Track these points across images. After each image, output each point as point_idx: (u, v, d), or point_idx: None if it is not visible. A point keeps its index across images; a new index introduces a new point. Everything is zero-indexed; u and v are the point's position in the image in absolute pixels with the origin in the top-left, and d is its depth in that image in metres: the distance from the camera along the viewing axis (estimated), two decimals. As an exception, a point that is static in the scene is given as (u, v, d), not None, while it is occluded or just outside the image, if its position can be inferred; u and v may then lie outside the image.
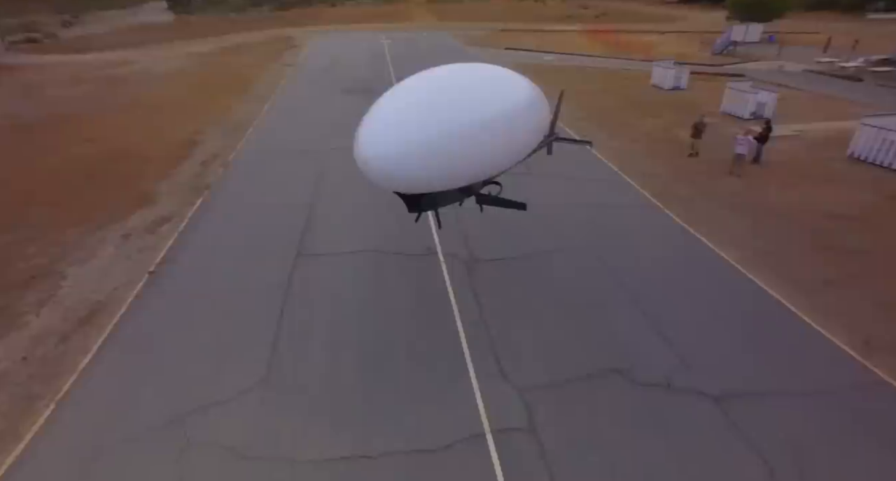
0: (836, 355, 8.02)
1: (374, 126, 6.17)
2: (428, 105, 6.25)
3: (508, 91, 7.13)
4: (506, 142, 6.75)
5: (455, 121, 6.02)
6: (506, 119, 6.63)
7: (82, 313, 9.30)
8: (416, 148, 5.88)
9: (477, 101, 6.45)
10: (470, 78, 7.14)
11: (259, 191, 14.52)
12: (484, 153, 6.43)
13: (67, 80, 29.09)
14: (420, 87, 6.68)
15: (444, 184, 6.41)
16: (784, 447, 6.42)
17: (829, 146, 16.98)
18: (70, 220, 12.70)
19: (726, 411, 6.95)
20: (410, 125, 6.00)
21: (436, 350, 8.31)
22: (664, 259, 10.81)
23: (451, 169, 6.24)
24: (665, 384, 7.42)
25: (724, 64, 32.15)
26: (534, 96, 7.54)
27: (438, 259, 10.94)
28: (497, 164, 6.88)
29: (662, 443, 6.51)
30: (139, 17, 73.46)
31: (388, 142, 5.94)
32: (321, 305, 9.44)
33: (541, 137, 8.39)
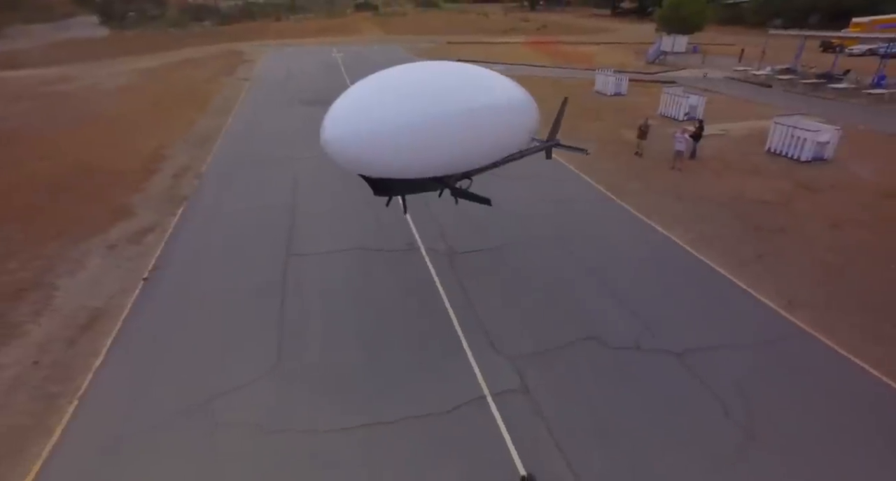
0: (767, 313, 9.53)
1: (338, 108, 6.43)
2: (394, 93, 6.41)
3: (485, 89, 7.31)
4: (474, 137, 6.84)
5: (418, 110, 6.16)
6: (476, 115, 6.73)
7: (83, 320, 9.56)
8: (374, 132, 6.03)
9: (446, 94, 6.59)
10: (448, 73, 7.38)
11: (237, 199, 14.94)
12: (448, 145, 6.51)
13: (5, 97, 27.99)
14: (393, 76, 6.86)
15: (404, 171, 6.57)
16: (733, 389, 7.72)
17: (750, 142, 19.23)
18: (46, 235, 12.71)
19: (687, 364, 8.21)
20: (372, 110, 6.22)
21: (430, 331, 9.18)
22: (623, 244, 12.19)
23: (411, 157, 6.35)
24: (635, 346, 8.63)
25: (657, 72, 35.01)
26: (516, 98, 7.83)
27: (420, 253, 11.84)
28: (465, 159, 7.04)
29: (637, 394, 7.65)
30: (69, 31, 70.31)
31: (348, 124, 6.17)
32: (317, 299, 10.12)
33: (526, 139, 8.75)
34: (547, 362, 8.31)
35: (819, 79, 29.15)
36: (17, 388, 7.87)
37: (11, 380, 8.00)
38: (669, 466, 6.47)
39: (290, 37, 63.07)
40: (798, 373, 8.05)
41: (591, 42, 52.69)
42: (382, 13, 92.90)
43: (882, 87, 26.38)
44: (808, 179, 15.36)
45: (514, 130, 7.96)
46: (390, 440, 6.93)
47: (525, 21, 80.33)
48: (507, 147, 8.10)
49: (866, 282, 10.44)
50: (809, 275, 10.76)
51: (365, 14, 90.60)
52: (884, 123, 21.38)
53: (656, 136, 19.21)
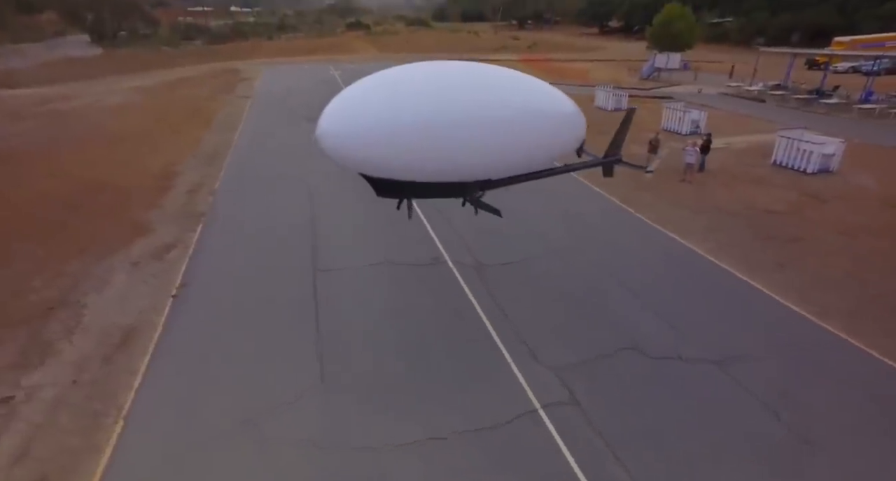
0: (800, 321, 9.71)
1: (337, 102, 6.11)
2: (396, 89, 5.99)
3: (507, 91, 6.69)
4: (487, 143, 6.22)
5: (420, 108, 5.70)
6: (491, 118, 6.14)
7: (116, 338, 9.44)
8: (370, 128, 5.65)
9: (456, 93, 6.05)
10: (463, 72, 6.70)
11: (255, 215, 14.93)
12: (454, 149, 5.97)
13: (6, 115, 27.74)
14: (400, 73, 6.39)
15: (403, 172, 6.07)
16: (779, 396, 7.84)
17: (753, 155, 19.75)
18: (68, 252, 12.57)
19: (728, 372, 8.32)
20: (370, 105, 5.82)
21: (470, 342, 9.22)
22: (645, 254, 12.39)
23: (410, 157, 5.88)
24: (676, 356, 8.74)
25: (653, 87, 35.89)
26: (553, 107, 7.13)
27: (447, 266, 11.92)
28: (477, 166, 6.47)
29: (684, 402, 7.72)
30: (60, 50, 70.06)
31: (344, 118, 5.82)
32: (351, 313, 10.11)
33: (564, 151, 7.93)
34: (591, 373, 8.37)
35: (810, 94, 30.09)
36: (60, 408, 7.73)
37: (53, 400, 7.85)
38: (729, 473, 6.54)
39: (285, 55, 63.54)
40: (841, 380, 8.20)
41: (582, 59, 53.85)
42: (374, 32, 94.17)
43: (870, 103, 27.31)
44: (815, 190, 15.79)
45: (544, 141, 7.10)
46: (448, 456, 6.89)
47: (515, 39, 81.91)
48: (535, 159, 7.35)
49: (890, 287, 10.72)
50: (833, 282, 11.02)
51: (357, 33, 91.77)
52: (877, 137, 22.14)
53: (663, 150, 19.62)
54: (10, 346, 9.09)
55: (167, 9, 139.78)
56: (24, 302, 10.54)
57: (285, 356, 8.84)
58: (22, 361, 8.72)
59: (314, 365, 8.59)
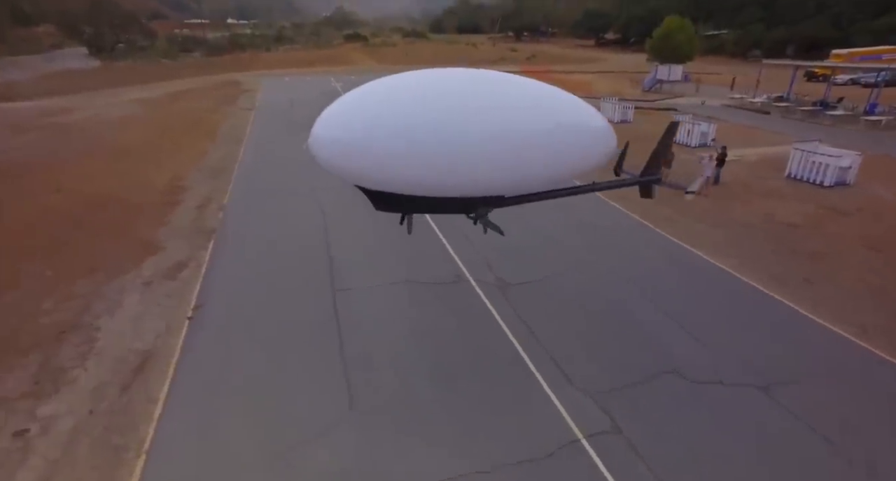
0: (840, 340, 9.43)
1: (333, 108, 5.68)
2: (398, 97, 5.56)
3: (529, 105, 6.07)
4: (499, 159, 5.66)
5: (425, 121, 5.27)
6: (508, 134, 5.59)
7: (133, 363, 9.07)
8: (363, 137, 5.27)
9: (458, 103, 5.52)
10: (486, 82, 6.14)
11: (267, 231, 14.62)
12: (462, 165, 5.45)
13: (7, 128, 27.40)
14: (401, 81, 5.92)
15: (400, 185, 5.63)
16: (831, 421, 7.52)
17: (766, 168, 19.65)
18: (77, 272, 12.21)
19: (775, 398, 8.01)
20: (365, 113, 5.40)
21: (500, 365, 8.91)
22: (670, 270, 12.15)
23: (405, 170, 5.41)
24: (716, 380, 8.43)
25: (656, 99, 35.98)
26: (575, 120, 6.49)
27: (470, 285, 11.63)
28: (489, 183, 5.90)
29: (731, 430, 7.40)
30: (58, 63, 69.93)
31: (337, 127, 5.44)
32: (375, 335, 9.78)
33: (584, 170, 7.08)
34: (630, 399, 8.06)
35: (815, 106, 30.21)
36: (78, 440, 7.34)
37: (71, 432, 7.46)
38: (789, 507, 6.24)
39: (284, 67, 63.62)
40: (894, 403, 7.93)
41: (582, 71, 54.12)
42: (372, 44, 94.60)
43: (874, 114, 27.40)
44: (833, 203, 15.65)
45: (564, 158, 6.37)
46: (493, 489, 6.58)
47: (513, 51, 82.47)
48: (553, 177, 6.62)
49: (924, 305, 10.51)
50: (865, 298, 10.79)
51: (355, 45, 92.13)
52: (887, 148, 22.11)
53: (674, 163, 19.47)
54: (22, 374, 8.71)
55: (164, 21, 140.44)
56: (34, 325, 10.15)
57: (311, 382, 8.49)
58: (35, 390, 8.33)
59: (342, 392, 8.25)
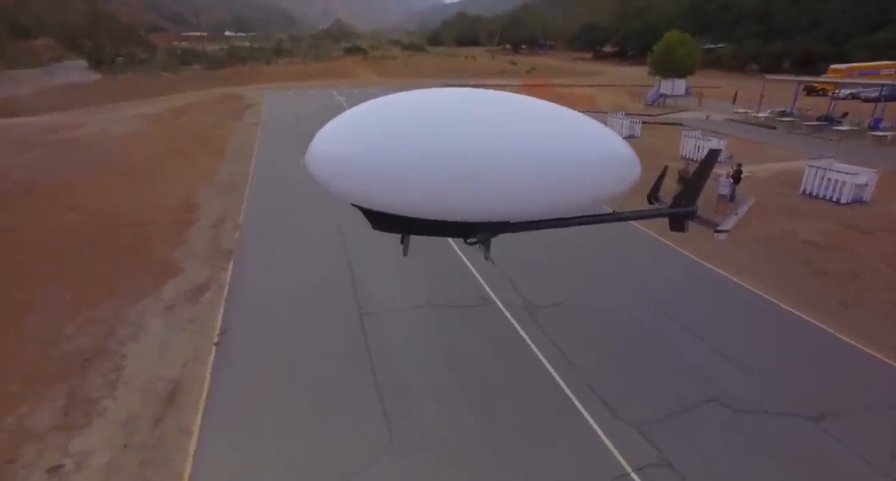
0: (886, 369, 9.31)
1: (332, 124, 5.50)
2: (401, 116, 5.40)
3: (541, 128, 5.58)
4: (505, 185, 5.38)
5: (427, 141, 5.11)
6: (516, 158, 5.28)
7: (162, 393, 8.88)
8: (357, 155, 5.17)
9: (476, 128, 5.28)
10: (495, 103, 5.76)
11: (286, 252, 14.49)
12: (464, 189, 5.26)
13: (13, 144, 27.12)
14: (413, 99, 5.71)
15: (400, 207, 5.48)
16: (886, 454, 7.39)
17: (779, 184, 19.70)
18: (96, 295, 12.01)
19: (825, 430, 7.85)
20: (363, 131, 5.31)
21: (538, 392, 8.77)
22: (697, 290, 12.10)
23: (409, 192, 5.30)
24: (761, 410, 8.28)
25: (660, 113, 36.19)
26: (593, 147, 5.80)
27: (497, 308, 11.51)
28: (492, 209, 5.63)
29: (783, 463, 7.26)
30: (59, 76, 69.86)
31: (334, 142, 5.34)
32: (408, 362, 9.63)
33: (601, 199, 6.19)
34: (676, 429, 7.93)
35: (819, 121, 30.46)
36: (114, 477, 7.14)
37: (105, 468, 7.26)
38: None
39: (286, 80, 63.80)
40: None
41: (583, 84, 54.51)
42: (372, 57, 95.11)
43: (878, 130, 27.64)
44: (854, 221, 15.64)
45: (577, 187, 5.84)
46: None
47: (513, 64, 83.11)
48: (564, 206, 6.05)
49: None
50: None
51: (355, 57, 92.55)
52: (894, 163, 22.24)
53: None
54: (51, 405, 8.50)
55: (162, 34, 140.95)
56: (58, 352, 9.95)
57: (348, 412, 8.33)
58: (67, 422, 8.13)
59: (380, 424, 8.09)
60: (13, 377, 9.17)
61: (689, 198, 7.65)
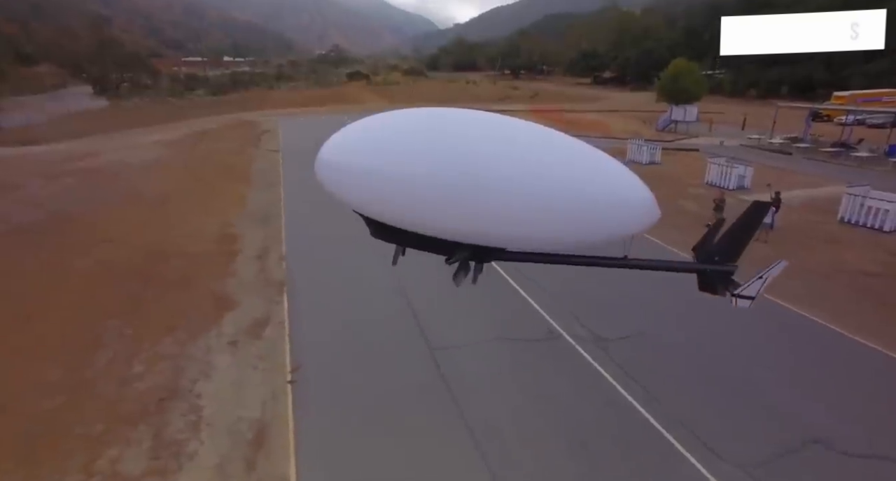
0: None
1: (342, 132, 5.64)
2: (412, 131, 5.41)
3: (555, 162, 5.34)
4: (505, 213, 5.20)
5: (434, 160, 5.07)
6: (522, 189, 5.09)
7: (248, 434, 8.66)
8: (361, 164, 5.23)
9: (487, 151, 5.17)
10: (507, 129, 5.64)
11: (339, 283, 14.40)
12: (461, 211, 5.17)
13: (37, 174, 27.04)
14: (418, 115, 5.72)
15: (397, 220, 5.55)
16: None
17: (814, 211, 19.93)
18: (156, 330, 11.83)
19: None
20: (371, 141, 5.38)
21: (632, 431, 8.61)
22: (761, 322, 12.02)
23: (408, 208, 5.28)
24: (871, 454, 8.11)
25: (673, 139, 36.76)
26: (606, 189, 5.39)
27: (566, 341, 11.41)
28: (486, 233, 5.51)
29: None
30: (66, 102, 70.31)
31: (343, 151, 5.42)
32: (491, 400, 9.46)
33: (607, 240, 5.66)
34: (787, 472, 7.75)
35: (835, 147, 31.04)
36: (222, 529, 6.90)
37: (212, 519, 7.02)
38: None
39: (294, 106, 64.42)
40: None
41: (590, 110, 55.43)
42: (375, 82, 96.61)
43: (895, 156, 28.18)
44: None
45: (581, 226, 5.48)
46: None
47: (515, 89, 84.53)
48: (560, 241, 5.79)
49: None
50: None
51: (358, 83, 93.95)
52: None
53: (710, 206, 19.43)
54: (137, 449, 8.26)
55: (161, 59, 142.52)
56: (132, 391, 9.73)
57: (446, 456, 8.14)
58: (159, 467, 7.90)
59: (481, 467, 7.90)
60: (94, 416, 8.95)
61: (730, 255, 6.19)
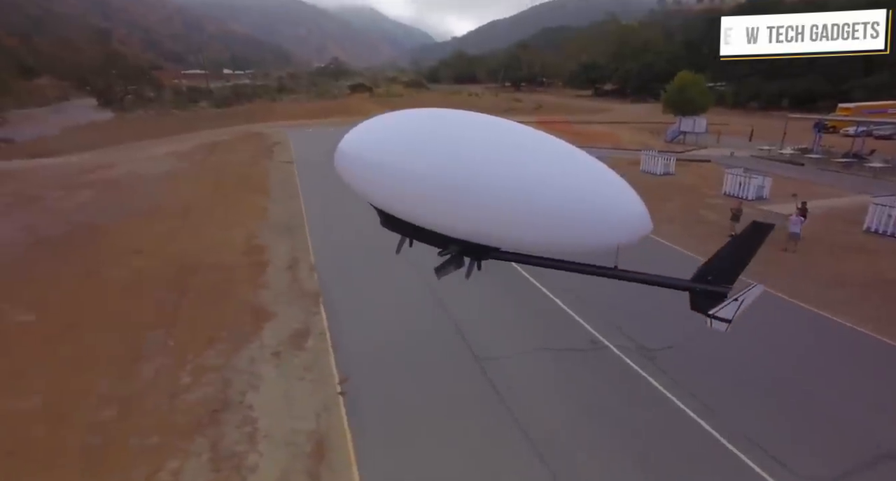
0: None
1: (362, 126, 6.01)
2: (426, 129, 5.68)
3: (553, 170, 5.50)
4: (500, 215, 5.39)
5: (439, 160, 5.31)
6: (517, 194, 5.27)
7: (307, 446, 8.59)
8: (373, 157, 5.56)
9: (492, 155, 5.36)
10: (517, 136, 5.81)
11: (373, 293, 14.37)
12: (461, 211, 5.41)
13: (56, 186, 27.12)
14: (435, 114, 6.02)
15: (403, 213, 5.87)
16: None
17: (837, 221, 20.05)
18: (197, 342, 11.76)
19: None
20: (384, 135, 5.70)
21: (696, 448, 8.46)
22: (809, 334, 12.03)
23: (411, 202, 5.62)
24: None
25: (684, 150, 37.05)
26: (600, 200, 5.54)
27: (610, 351, 11.38)
28: (480, 233, 5.76)
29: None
30: (72, 114, 70.57)
31: (360, 142, 5.78)
32: (546, 412, 9.36)
33: (594, 249, 5.77)
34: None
35: (846, 158, 31.35)
36: (297, 543, 6.81)
37: (285, 532, 6.93)
38: None
39: (300, 118, 64.68)
40: None
41: (596, 121, 55.88)
42: (378, 94, 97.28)
43: (906, 166, 28.50)
44: (939, 259, 15.83)
45: (572, 235, 5.61)
46: None
47: (517, 101, 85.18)
48: (551, 247, 5.99)
49: None
50: None
51: (362, 95, 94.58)
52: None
53: (727, 216, 19.50)
54: (197, 461, 8.18)
55: (161, 71, 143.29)
56: (183, 403, 9.66)
57: (514, 473, 8.04)
58: (221, 479, 7.81)
59: (546, 477, 7.84)
60: (149, 428, 8.88)
61: (726, 276, 5.94)
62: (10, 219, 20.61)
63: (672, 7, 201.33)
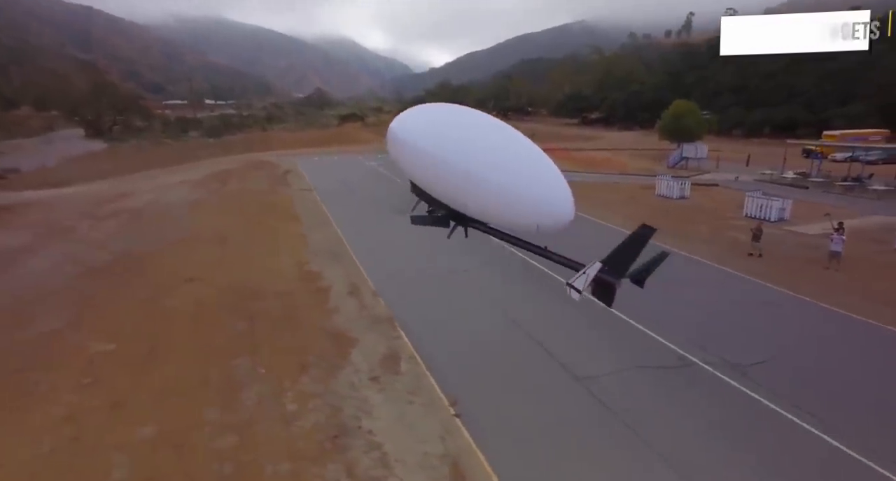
0: None
1: (406, 112, 8.90)
2: (452, 123, 8.20)
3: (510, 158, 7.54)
4: (463, 185, 7.54)
5: (445, 147, 7.56)
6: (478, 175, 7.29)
7: (443, 470, 8.53)
8: (402, 139, 8.21)
9: (479, 142, 7.62)
10: (507, 132, 8.16)
11: (446, 316, 14.45)
12: (449, 185, 7.84)
13: (83, 215, 26.66)
14: (469, 113, 8.65)
15: (424, 185, 8.50)
16: None
17: (865, 240, 20.84)
18: (289, 369, 11.62)
19: None
20: (420, 121, 8.36)
21: (838, 466, 8.59)
22: (890, 350, 12.50)
23: (412, 169, 8.48)
24: None
25: (688, 176, 38.35)
26: (528, 187, 7.28)
27: (700, 367, 11.60)
28: (452, 198, 8.07)
29: None
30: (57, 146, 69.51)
31: (402, 128, 8.37)
32: (665, 426, 9.51)
33: (519, 225, 7.75)
34: None
35: (846, 181, 32.91)
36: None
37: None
38: None
39: (300, 147, 65.06)
40: None
41: (593, 148, 57.47)
42: (369, 123, 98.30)
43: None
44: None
45: (505, 206, 7.48)
46: None
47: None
48: (499, 218, 8.01)
49: None
50: None
51: (354, 124, 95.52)
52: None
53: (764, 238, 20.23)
54: (342, 489, 8.05)
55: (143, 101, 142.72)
56: (299, 430, 9.52)
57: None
58: (375, 507, 7.70)
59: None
60: (276, 456, 8.72)
61: (618, 267, 7.03)
62: (50, 250, 20.14)
63: (643, 41, 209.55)
